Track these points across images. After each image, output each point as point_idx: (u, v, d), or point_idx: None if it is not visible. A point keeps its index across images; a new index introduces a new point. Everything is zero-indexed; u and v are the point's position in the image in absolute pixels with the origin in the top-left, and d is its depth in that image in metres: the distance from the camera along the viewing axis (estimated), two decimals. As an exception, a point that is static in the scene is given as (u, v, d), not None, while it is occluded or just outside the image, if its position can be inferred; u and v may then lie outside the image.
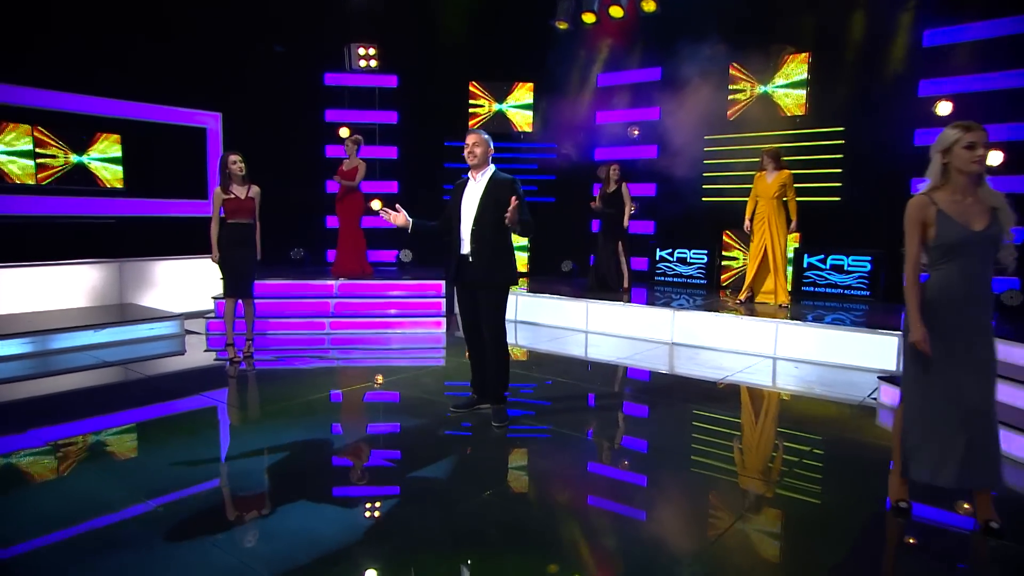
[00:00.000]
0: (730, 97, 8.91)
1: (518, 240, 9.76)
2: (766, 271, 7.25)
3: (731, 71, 8.86)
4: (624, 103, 9.95)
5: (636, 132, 9.74)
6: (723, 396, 5.26)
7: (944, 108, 7.34)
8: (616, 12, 9.39)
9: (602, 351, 6.83)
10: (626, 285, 8.29)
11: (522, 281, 9.58)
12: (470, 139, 4.27)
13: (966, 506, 3.28)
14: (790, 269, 7.94)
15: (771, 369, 6.09)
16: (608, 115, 10.10)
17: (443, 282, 8.04)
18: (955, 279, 2.92)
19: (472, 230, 4.18)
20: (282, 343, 6.88)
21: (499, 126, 10.52)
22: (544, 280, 9.73)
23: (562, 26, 9.73)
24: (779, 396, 5.33)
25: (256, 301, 6.30)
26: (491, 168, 4.31)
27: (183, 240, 8.79)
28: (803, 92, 8.32)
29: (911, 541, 3.03)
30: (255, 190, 5.91)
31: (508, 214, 3.97)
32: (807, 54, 8.27)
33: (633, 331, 7.33)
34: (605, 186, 8.18)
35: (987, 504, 2.99)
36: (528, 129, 10.49)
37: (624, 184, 8.08)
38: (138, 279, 8.35)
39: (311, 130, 10.41)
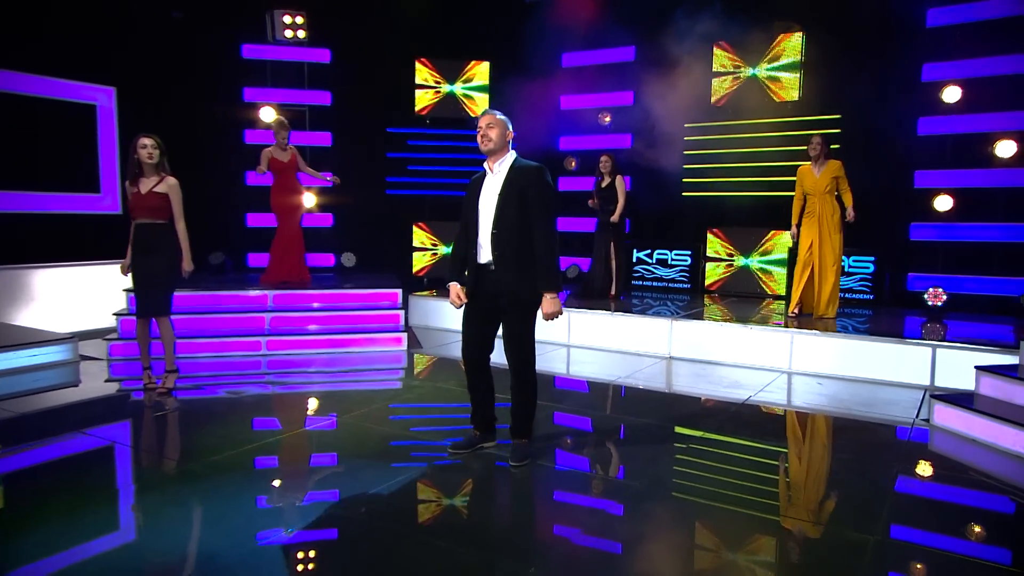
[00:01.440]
0: (715, 80, 8.57)
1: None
2: (814, 278, 6.65)
3: (716, 51, 8.51)
4: (593, 86, 9.45)
5: (608, 119, 9.25)
6: (758, 420, 4.81)
7: (952, 94, 7.21)
8: (589, -19, 8.89)
9: (594, 368, 6.25)
10: (613, 292, 7.75)
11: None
12: (483, 120, 3.69)
13: None
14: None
15: (795, 386, 5.69)
16: (575, 99, 9.59)
17: (399, 291, 7.28)
18: None
19: (492, 233, 3.60)
20: (208, 368, 5.94)
21: (451, 110, 9.82)
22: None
23: (529, -4, 9.13)
24: (819, 419, 4.90)
25: (175, 318, 5.37)
26: (511, 155, 3.73)
27: (70, 243, 7.62)
28: (796, 75, 8.05)
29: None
30: (169, 183, 4.99)
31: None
32: (801, 33, 8.01)
33: (623, 344, 6.81)
34: (600, 180, 7.63)
35: None
36: (475, 113, 9.81)
37: (620, 177, 7.50)
38: (10, 292, 7.12)
39: (228, 111, 9.36)
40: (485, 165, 3.74)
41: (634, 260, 8.98)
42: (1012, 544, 3.09)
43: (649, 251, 8.95)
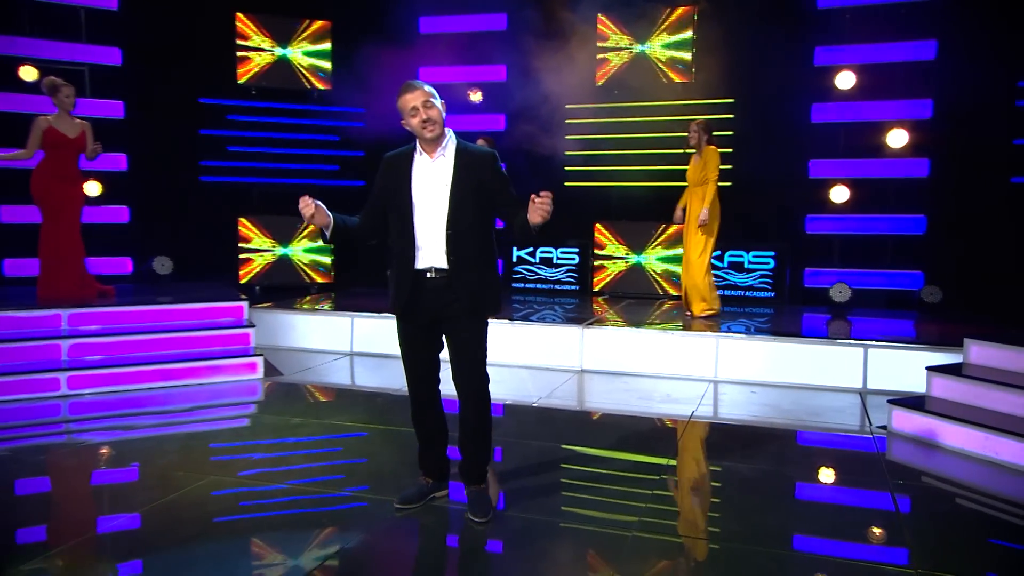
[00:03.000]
0: (599, 56, 8.50)
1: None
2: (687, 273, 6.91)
3: (600, 24, 8.44)
4: (458, 57, 9.02)
5: (479, 95, 8.86)
6: (718, 440, 4.72)
7: (845, 80, 7.68)
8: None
9: (503, 388, 5.66)
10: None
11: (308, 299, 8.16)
12: (415, 98, 3.15)
13: None
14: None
15: (731, 397, 5.65)
16: (435, 72, 9.08)
17: (244, 304, 6.34)
18: None
19: (448, 235, 3.16)
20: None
21: (283, 79, 8.89)
22: (367, 295, 8.35)
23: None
24: (779, 434, 4.86)
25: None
26: (451, 136, 3.27)
27: None
28: (689, 55, 8.18)
29: None
30: None
31: (537, 211, 2.99)
32: (693, 7, 8.15)
33: (527, 358, 6.46)
34: None
35: None
36: (326, 86, 9.00)
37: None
38: None
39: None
40: (419, 148, 3.23)
41: (514, 260, 8.66)
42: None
43: (531, 249, 8.69)
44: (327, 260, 8.81)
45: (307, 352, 6.83)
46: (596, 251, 8.47)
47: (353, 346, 6.86)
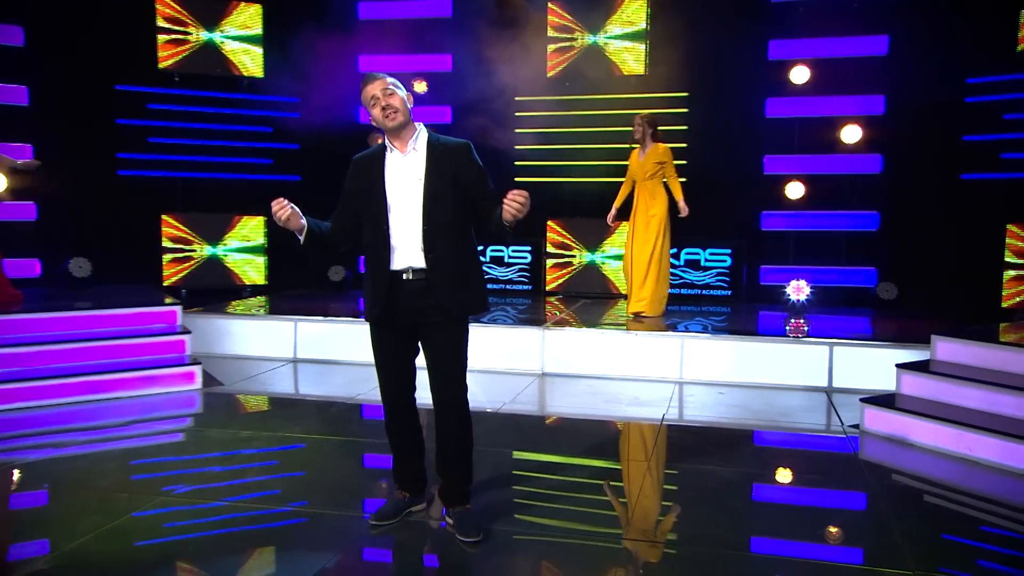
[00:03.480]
0: (550, 47, 8.50)
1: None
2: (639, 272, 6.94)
3: (550, 14, 8.44)
4: (401, 45, 8.86)
5: (424, 86, 8.73)
6: (695, 443, 4.71)
7: (800, 75, 7.88)
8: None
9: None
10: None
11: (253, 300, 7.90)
12: (375, 88, 3.15)
13: None
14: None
15: (699, 398, 5.71)
16: (376, 61, 8.90)
17: (177, 308, 6.06)
18: None
19: (423, 231, 3.12)
20: None
21: (209, 65, 8.58)
22: (305, 297, 8.13)
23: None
24: (753, 436, 4.93)
25: None
26: (420, 128, 3.24)
27: None
28: (642, 46, 8.26)
29: None
30: None
31: (508, 208, 2.88)
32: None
33: (485, 361, 6.35)
34: None
35: None
36: (258, 74, 8.73)
37: None
38: None
39: None
40: (389, 144, 3.19)
41: (463, 259, 8.58)
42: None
43: (482, 247, 8.61)
44: (260, 260, 8.53)
45: (247, 359, 6.59)
46: (549, 249, 8.48)
47: (297, 352, 6.66)
